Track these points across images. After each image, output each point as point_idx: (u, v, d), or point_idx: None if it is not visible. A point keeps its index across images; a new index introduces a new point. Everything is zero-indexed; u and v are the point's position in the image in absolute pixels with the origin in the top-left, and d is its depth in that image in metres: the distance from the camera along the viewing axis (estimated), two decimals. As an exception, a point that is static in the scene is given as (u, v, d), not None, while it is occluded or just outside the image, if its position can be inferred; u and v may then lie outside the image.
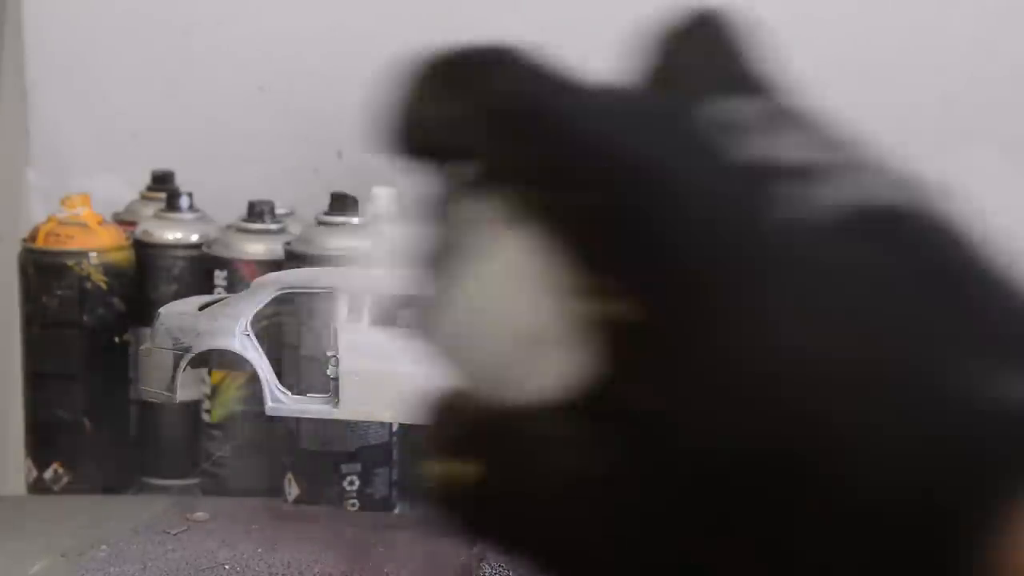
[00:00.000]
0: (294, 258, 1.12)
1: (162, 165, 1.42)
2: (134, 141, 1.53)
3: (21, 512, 1.15)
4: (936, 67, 1.52)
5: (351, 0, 1.53)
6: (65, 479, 1.20)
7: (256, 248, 1.19)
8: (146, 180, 1.41)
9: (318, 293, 0.93)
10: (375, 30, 1.53)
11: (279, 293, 0.95)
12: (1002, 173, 1.52)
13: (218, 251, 1.19)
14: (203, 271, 1.20)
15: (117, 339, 1.20)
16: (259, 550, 0.99)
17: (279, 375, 0.99)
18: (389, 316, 0.92)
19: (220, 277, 1.18)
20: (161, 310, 0.95)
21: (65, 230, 1.19)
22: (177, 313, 0.95)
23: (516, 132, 0.29)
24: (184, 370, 0.94)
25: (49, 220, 1.20)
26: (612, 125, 0.29)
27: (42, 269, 1.18)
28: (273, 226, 1.20)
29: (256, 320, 0.99)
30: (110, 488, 1.21)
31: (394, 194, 1.37)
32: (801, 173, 0.28)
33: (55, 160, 1.52)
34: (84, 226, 1.20)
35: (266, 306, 0.99)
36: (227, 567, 0.93)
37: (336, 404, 0.94)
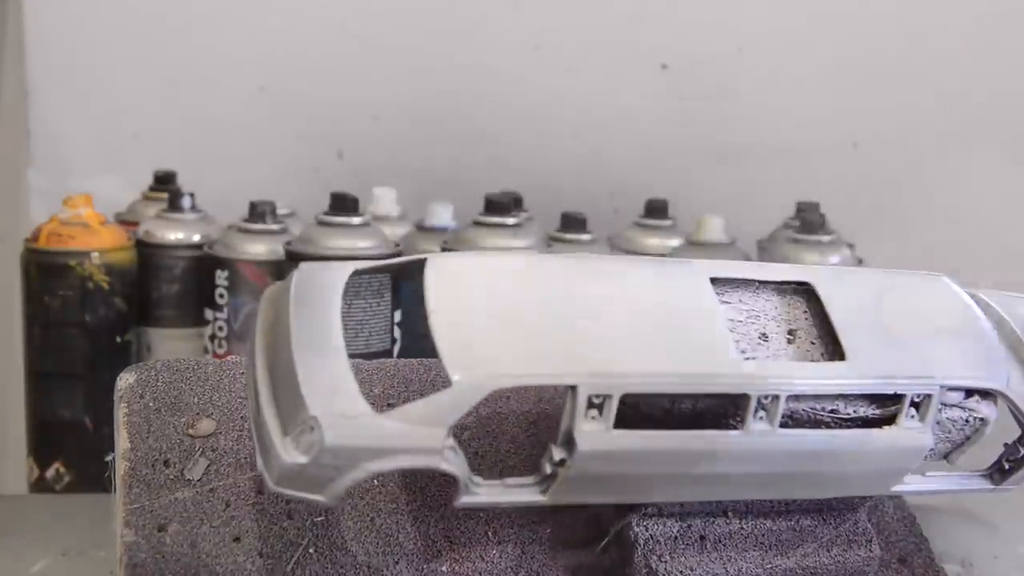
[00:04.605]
0: (295, 258, 1.12)
1: (163, 165, 1.43)
2: (135, 142, 1.54)
3: (22, 511, 1.15)
4: (936, 67, 1.52)
5: (351, 0, 1.54)
6: (67, 478, 1.20)
7: (257, 248, 1.19)
8: (148, 180, 1.42)
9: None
10: (375, 30, 1.53)
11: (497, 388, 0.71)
12: (1002, 173, 1.52)
13: (220, 251, 1.19)
14: (205, 271, 1.20)
15: (119, 339, 1.21)
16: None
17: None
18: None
19: (222, 277, 1.18)
20: (311, 407, 0.66)
21: (67, 230, 1.19)
22: (343, 415, 0.67)
23: None
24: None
25: (51, 220, 1.21)
26: None
27: (44, 269, 1.18)
28: (274, 226, 1.21)
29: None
30: (112, 487, 1.22)
31: (394, 194, 1.38)
32: None
33: (56, 160, 1.52)
34: (86, 226, 1.20)
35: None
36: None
37: (545, 492, 0.76)
